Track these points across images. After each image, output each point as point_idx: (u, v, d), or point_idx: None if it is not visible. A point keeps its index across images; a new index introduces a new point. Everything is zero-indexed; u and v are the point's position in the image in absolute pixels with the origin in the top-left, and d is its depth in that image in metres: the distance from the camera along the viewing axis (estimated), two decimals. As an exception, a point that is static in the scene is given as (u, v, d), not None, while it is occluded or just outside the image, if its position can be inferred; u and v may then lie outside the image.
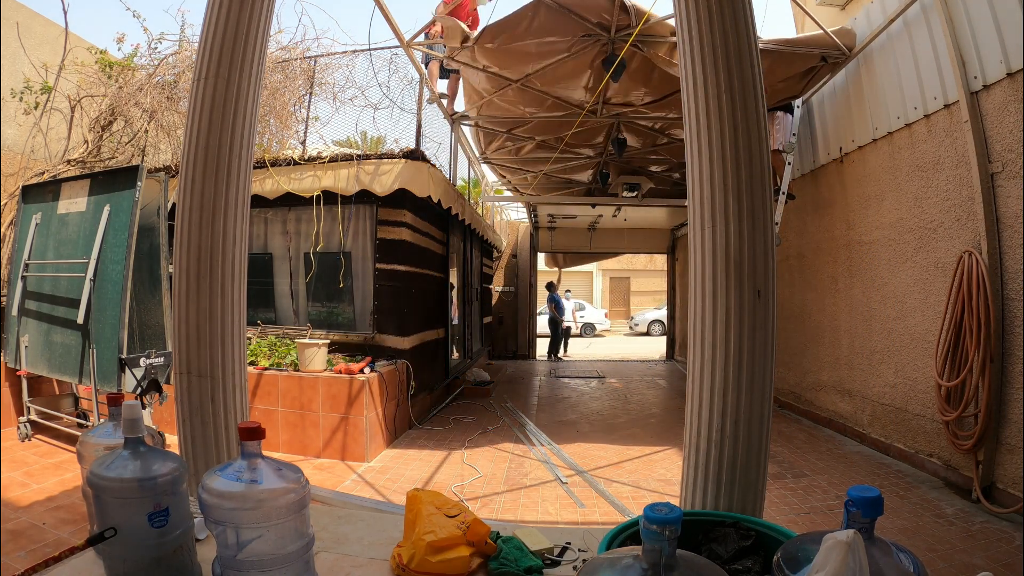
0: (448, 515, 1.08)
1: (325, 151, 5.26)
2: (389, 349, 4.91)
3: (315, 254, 5.07)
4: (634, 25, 3.84)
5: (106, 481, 0.88)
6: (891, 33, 4.19)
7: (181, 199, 1.55)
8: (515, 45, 4.19)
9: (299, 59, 5.52)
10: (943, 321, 3.52)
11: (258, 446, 0.87)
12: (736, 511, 1.29)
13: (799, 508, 3.26)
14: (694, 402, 1.38)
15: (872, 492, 0.68)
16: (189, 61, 5.45)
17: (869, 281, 4.56)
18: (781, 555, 0.73)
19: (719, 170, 1.33)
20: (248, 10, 1.55)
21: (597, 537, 1.11)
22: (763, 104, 1.36)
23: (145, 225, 3.83)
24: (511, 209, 11.69)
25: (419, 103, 5.18)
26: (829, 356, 5.18)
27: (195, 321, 1.52)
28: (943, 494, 3.41)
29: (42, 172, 5.25)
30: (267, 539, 0.83)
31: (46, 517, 2.82)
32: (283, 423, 4.28)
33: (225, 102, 1.53)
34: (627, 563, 0.68)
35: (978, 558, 2.58)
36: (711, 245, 1.34)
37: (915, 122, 4.00)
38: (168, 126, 5.56)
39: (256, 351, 4.60)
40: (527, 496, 3.48)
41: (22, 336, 4.11)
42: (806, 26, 6.64)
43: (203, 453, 1.50)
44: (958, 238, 3.59)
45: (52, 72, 5.55)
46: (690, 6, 1.35)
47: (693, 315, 1.41)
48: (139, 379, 3.52)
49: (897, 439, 4.17)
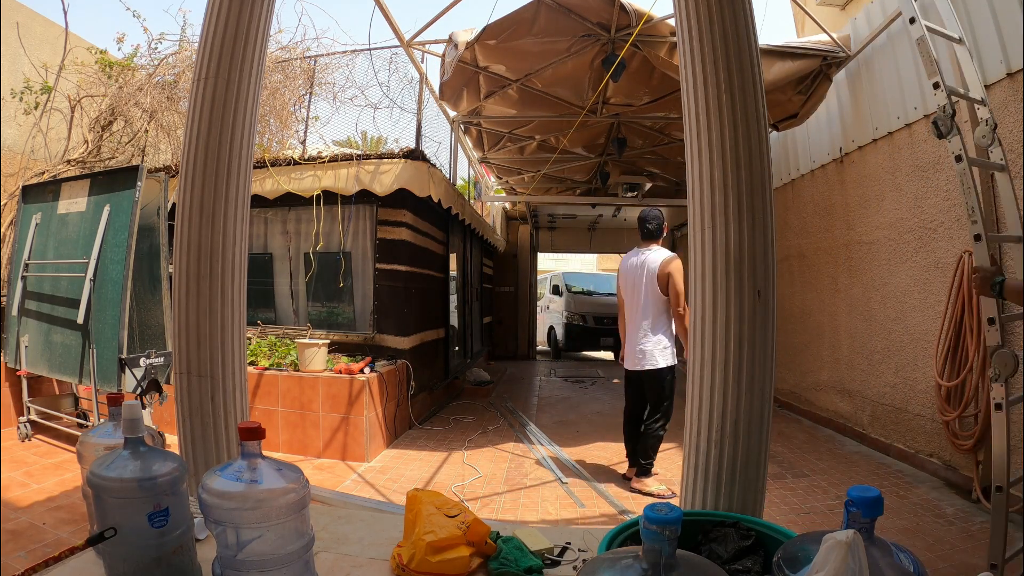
0: (448, 515, 1.08)
1: (325, 151, 5.26)
2: (389, 349, 4.91)
3: (315, 254, 5.07)
4: (634, 25, 3.84)
5: (106, 481, 0.88)
6: (891, 33, 4.19)
7: (181, 199, 1.55)
8: (515, 44, 4.19)
9: (299, 59, 5.53)
10: (943, 321, 3.52)
11: (258, 446, 0.87)
12: (736, 511, 1.29)
13: (799, 508, 3.26)
14: (694, 402, 1.38)
15: (872, 492, 0.68)
16: (189, 61, 5.45)
17: (869, 281, 4.56)
18: (781, 555, 0.73)
19: (719, 170, 1.33)
20: (248, 10, 1.55)
21: (597, 537, 1.11)
22: (763, 104, 1.36)
23: (145, 225, 3.83)
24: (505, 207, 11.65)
25: (419, 103, 5.18)
26: (829, 356, 5.18)
27: (195, 321, 1.52)
28: (943, 494, 3.41)
29: (42, 172, 5.25)
30: (267, 539, 0.83)
31: (46, 517, 2.82)
32: (283, 423, 4.28)
33: (225, 102, 1.54)
34: (627, 563, 0.68)
35: (978, 558, 2.58)
36: (711, 245, 1.34)
37: (915, 122, 4.00)
38: (168, 126, 5.56)
39: (256, 351, 4.60)
40: (527, 496, 3.48)
41: (22, 336, 4.11)
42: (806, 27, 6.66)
43: (203, 453, 1.50)
44: (958, 238, 3.59)
45: (52, 72, 5.55)
46: (690, 6, 1.35)
47: (693, 315, 1.41)
48: (139, 379, 3.52)
49: (897, 439, 4.17)
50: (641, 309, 3.59)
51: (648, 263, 3.58)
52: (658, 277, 3.53)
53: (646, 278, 3.56)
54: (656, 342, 3.55)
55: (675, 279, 3.49)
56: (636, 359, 3.61)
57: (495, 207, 9.98)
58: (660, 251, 3.63)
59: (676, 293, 3.49)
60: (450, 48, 4.55)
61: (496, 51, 4.31)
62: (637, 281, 3.61)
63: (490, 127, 6.20)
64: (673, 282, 3.49)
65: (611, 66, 4.15)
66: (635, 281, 3.63)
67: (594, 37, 4.12)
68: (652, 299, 3.56)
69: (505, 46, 4.22)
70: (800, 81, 4.62)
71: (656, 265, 3.54)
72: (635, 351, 3.61)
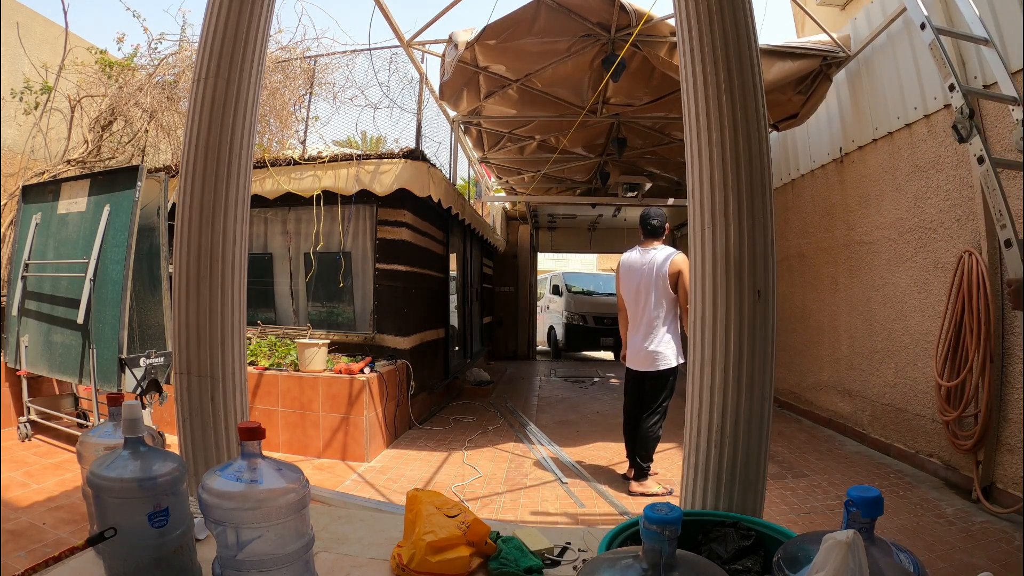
0: (448, 515, 1.08)
1: (325, 151, 5.26)
2: (389, 349, 4.91)
3: (315, 254, 5.07)
4: (634, 25, 3.85)
5: (106, 481, 0.88)
6: (891, 33, 4.19)
7: (181, 199, 1.55)
8: (515, 44, 4.19)
9: (299, 59, 5.53)
10: (943, 321, 3.52)
11: (258, 446, 0.87)
12: (736, 511, 1.29)
13: (799, 508, 3.26)
14: (694, 402, 1.38)
15: (872, 492, 0.68)
16: (189, 61, 5.45)
17: (869, 281, 4.56)
18: (781, 555, 0.73)
19: (719, 170, 1.33)
20: (248, 10, 1.55)
21: (597, 537, 1.11)
22: (763, 104, 1.36)
23: (145, 225, 3.83)
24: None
25: (419, 103, 5.18)
26: (829, 356, 5.18)
27: (195, 321, 1.52)
28: (943, 494, 3.41)
29: (42, 172, 5.25)
30: (267, 539, 0.83)
31: (46, 517, 2.82)
32: (283, 423, 4.28)
33: (225, 102, 1.54)
34: (627, 563, 0.68)
35: (978, 558, 2.58)
36: (711, 245, 1.34)
37: (915, 122, 4.00)
38: (168, 126, 5.56)
39: (256, 351, 4.60)
40: (527, 496, 3.48)
41: (22, 336, 4.11)
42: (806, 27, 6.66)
43: (203, 453, 1.50)
44: (958, 238, 3.59)
45: (52, 72, 5.55)
46: (690, 6, 1.35)
47: (693, 315, 1.41)
48: (139, 379, 3.52)
49: (897, 439, 4.17)
50: (651, 308, 3.54)
51: (655, 261, 3.54)
52: (669, 275, 3.49)
53: (655, 276, 3.52)
54: (668, 342, 3.51)
55: (685, 276, 3.44)
56: (647, 359, 3.54)
57: (495, 207, 9.98)
58: (665, 249, 3.60)
59: (686, 291, 3.44)
60: (450, 48, 4.55)
61: (496, 51, 4.31)
62: (644, 280, 3.57)
63: (490, 127, 6.20)
64: (683, 279, 3.45)
65: (611, 66, 4.15)
66: (641, 280, 3.58)
67: (594, 37, 4.12)
68: (662, 298, 3.52)
69: (505, 46, 4.22)
70: (800, 81, 4.62)
71: (665, 263, 3.51)
72: (644, 351, 3.55)
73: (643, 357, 3.57)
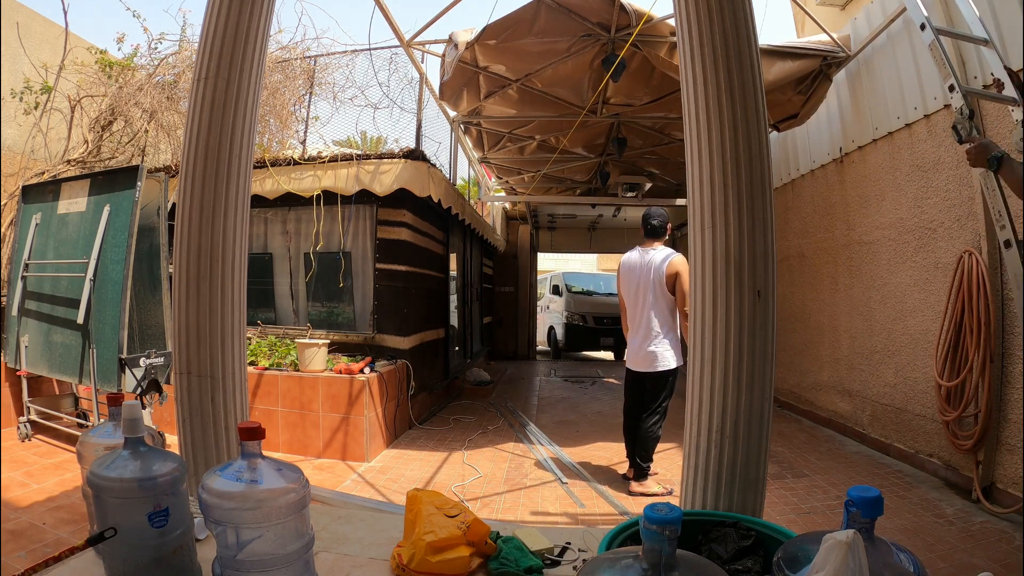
0: (448, 515, 1.08)
1: (325, 151, 5.26)
2: (389, 349, 4.91)
3: (315, 254, 5.07)
4: (634, 25, 3.85)
5: (106, 481, 0.88)
6: (891, 33, 4.19)
7: (181, 199, 1.55)
8: (515, 44, 4.19)
9: (299, 59, 5.53)
10: (943, 321, 3.52)
11: (258, 446, 0.87)
12: (736, 511, 1.29)
13: (799, 508, 3.26)
14: (694, 402, 1.38)
15: (872, 492, 0.68)
16: (189, 61, 5.45)
17: (869, 281, 4.56)
18: (781, 555, 0.73)
19: (719, 170, 1.33)
20: (248, 10, 1.55)
21: (597, 537, 1.11)
22: (763, 104, 1.36)
23: (145, 225, 3.83)
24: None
25: (419, 103, 5.18)
26: (829, 356, 5.18)
27: (195, 321, 1.52)
28: (943, 494, 3.41)
29: (42, 172, 5.25)
30: (267, 539, 0.83)
31: (46, 517, 2.82)
32: (283, 423, 4.28)
33: (225, 102, 1.54)
34: (627, 563, 0.68)
35: (978, 558, 2.58)
36: (711, 245, 1.34)
37: (915, 122, 4.00)
38: (168, 126, 5.57)
39: (256, 351, 4.60)
40: (527, 496, 3.48)
41: (22, 336, 4.11)
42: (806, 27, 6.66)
43: (203, 453, 1.50)
44: (958, 238, 3.59)
45: (52, 72, 5.55)
46: (690, 6, 1.35)
47: (693, 315, 1.41)
48: (139, 379, 3.52)
49: (897, 439, 4.17)
50: (648, 309, 3.55)
51: (654, 262, 3.54)
52: (666, 277, 3.50)
53: (653, 278, 3.53)
54: (666, 343, 3.52)
55: (683, 278, 3.45)
56: (646, 360, 3.56)
57: (495, 207, 9.98)
58: (664, 250, 3.60)
59: (683, 293, 3.45)
60: (450, 48, 4.55)
61: (496, 51, 4.31)
62: (643, 280, 3.58)
63: (490, 127, 6.20)
64: (680, 281, 3.46)
65: (611, 66, 4.15)
66: (640, 280, 3.60)
67: (594, 37, 4.12)
68: (659, 299, 3.53)
69: (505, 46, 4.22)
70: (800, 81, 4.62)
71: (663, 265, 3.52)
72: (643, 352, 3.56)
73: (642, 358, 3.57)
